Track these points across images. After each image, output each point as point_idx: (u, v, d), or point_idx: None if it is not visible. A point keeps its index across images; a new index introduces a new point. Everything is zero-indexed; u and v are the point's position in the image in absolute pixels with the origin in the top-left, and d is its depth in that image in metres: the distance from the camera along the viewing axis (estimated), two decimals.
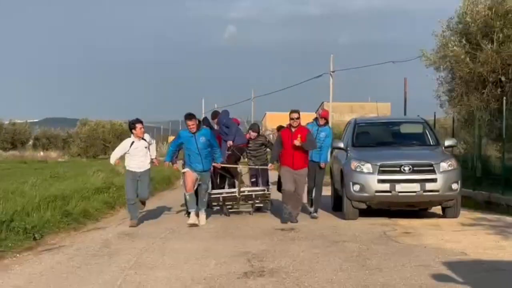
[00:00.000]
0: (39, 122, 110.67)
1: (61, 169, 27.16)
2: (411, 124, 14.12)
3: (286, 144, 12.42)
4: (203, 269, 7.84)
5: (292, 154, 12.29)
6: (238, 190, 13.57)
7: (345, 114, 72.60)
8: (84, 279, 7.45)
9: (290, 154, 12.35)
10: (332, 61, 43.86)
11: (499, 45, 15.31)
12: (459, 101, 16.34)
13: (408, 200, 12.13)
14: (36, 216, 11.79)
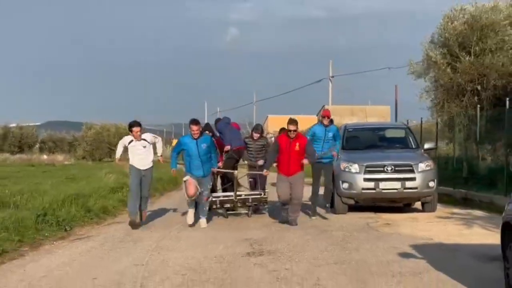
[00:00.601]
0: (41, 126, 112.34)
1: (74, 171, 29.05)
2: (394, 129, 16.00)
3: (284, 150, 12.70)
4: (213, 251, 9.63)
5: (288, 160, 12.63)
6: (235, 194, 13.82)
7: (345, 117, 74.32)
8: (117, 258, 9.25)
9: (286, 160, 12.67)
10: (331, 67, 45.74)
11: (476, 57, 17.16)
12: (441, 108, 18.20)
13: (391, 196, 13.97)
14: (64, 211, 13.62)
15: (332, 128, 13.80)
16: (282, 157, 12.75)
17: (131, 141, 13.19)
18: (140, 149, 13.16)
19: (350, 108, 76.65)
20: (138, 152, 13.16)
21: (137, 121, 13.40)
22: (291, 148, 12.62)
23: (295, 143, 12.64)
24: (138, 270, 8.26)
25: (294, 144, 12.61)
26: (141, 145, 13.14)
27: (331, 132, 13.71)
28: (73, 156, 57.50)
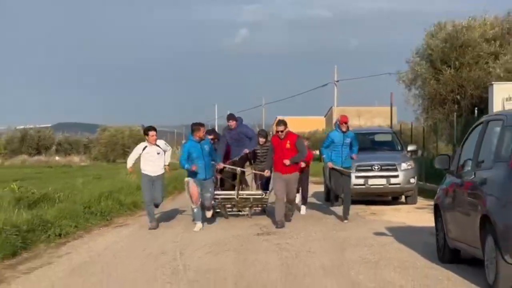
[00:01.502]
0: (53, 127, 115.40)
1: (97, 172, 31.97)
2: (383, 134, 18.87)
3: (277, 150, 13.45)
4: (230, 232, 12.41)
5: (283, 159, 13.29)
6: (236, 193, 14.35)
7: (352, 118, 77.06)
8: (156, 238, 12.06)
9: (280, 159, 13.38)
10: (336, 71, 48.48)
11: (456, 71, 19.98)
12: (427, 114, 21.05)
13: (377, 191, 16.81)
14: (103, 205, 16.48)
15: (349, 134, 14.25)
16: (277, 156, 13.45)
17: (145, 148, 13.62)
18: (154, 156, 13.56)
19: (356, 109, 79.39)
20: (151, 159, 13.54)
21: (153, 126, 13.94)
22: (282, 147, 13.38)
23: (286, 141, 13.36)
24: (174, 245, 11.08)
25: (285, 143, 13.35)
26: (156, 151, 13.58)
27: (349, 137, 14.16)
28: (88, 158, 60.46)
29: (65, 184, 23.20)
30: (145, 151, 13.58)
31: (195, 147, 13.21)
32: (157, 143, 13.63)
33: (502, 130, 7.30)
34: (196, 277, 8.31)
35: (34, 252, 10.80)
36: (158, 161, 13.63)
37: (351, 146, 14.20)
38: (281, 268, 8.80)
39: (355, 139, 14.36)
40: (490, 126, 7.81)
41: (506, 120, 7.38)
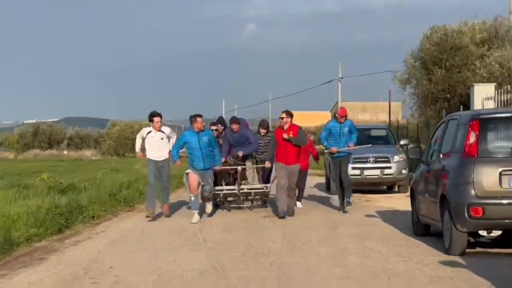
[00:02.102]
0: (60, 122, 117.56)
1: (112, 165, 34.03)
2: (378, 129, 20.88)
3: (280, 142, 13.95)
4: (240, 217, 14.37)
5: (285, 151, 13.91)
6: (238, 188, 14.88)
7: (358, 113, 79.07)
8: (176, 221, 14.04)
9: (283, 151, 13.94)
10: (340, 69, 50.44)
11: (447, 71, 21.97)
12: (420, 111, 23.07)
13: (372, 181, 18.84)
14: (125, 193, 18.55)
15: (347, 123, 14.71)
16: (280, 148, 14.00)
17: (149, 132, 14.14)
18: (158, 141, 14.06)
19: (362, 104, 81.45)
20: (155, 144, 14.04)
21: (158, 112, 14.23)
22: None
23: (288, 132, 13.87)
24: (193, 225, 13.10)
25: (288, 132, 13.87)
26: (159, 136, 14.05)
27: (346, 126, 14.65)
28: (99, 152, 62.55)
29: (86, 175, 25.32)
30: (149, 135, 14.09)
31: (193, 137, 13.52)
32: (162, 129, 14.11)
33: (457, 127, 9.34)
34: (215, 246, 10.36)
35: (75, 230, 12.88)
36: (162, 147, 14.09)
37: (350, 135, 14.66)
38: (283, 240, 10.84)
39: (353, 127, 14.81)
40: (450, 124, 9.84)
41: (460, 119, 9.41)
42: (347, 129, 14.68)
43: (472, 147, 8.79)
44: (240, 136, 15.15)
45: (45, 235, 11.79)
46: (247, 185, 15.22)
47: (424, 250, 9.64)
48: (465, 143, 8.89)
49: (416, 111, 23.73)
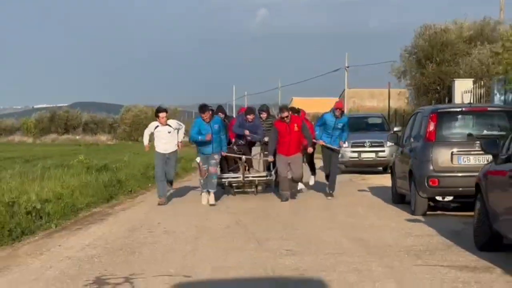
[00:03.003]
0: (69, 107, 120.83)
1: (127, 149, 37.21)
2: (374, 118, 23.94)
3: (284, 134, 14.56)
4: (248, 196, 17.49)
5: (288, 143, 14.61)
6: (242, 175, 15.61)
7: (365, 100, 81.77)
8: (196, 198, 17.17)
9: (286, 143, 14.61)
10: (347, 58, 53.35)
11: (437, 65, 24.99)
12: (415, 101, 26.11)
13: (368, 163, 21.91)
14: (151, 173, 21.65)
15: (343, 119, 15.39)
16: (283, 140, 14.63)
17: (156, 127, 14.69)
18: (165, 134, 14.59)
19: (369, 91, 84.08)
20: (162, 137, 14.59)
21: (164, 108, 15.04)
22: (290, 130, 14.59)
23: (293, 124, 14.60)
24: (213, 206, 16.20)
25: (293, 126, 14.57)
26: (166, 130, 14.56)
27: (341, 122, 15.28)
28: (114, 137, 65.74)
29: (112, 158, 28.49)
30: (156, 129, 14.66)
31: (205, 125, 14.27)
32: (168, 123, 14.68)
33: (422, 119, 12.39)
34: (236, 212, 13.42)
35: (119, 200, 15.98)
36: (170, 140, 14.64)
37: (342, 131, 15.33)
38: (289, 209, 13.88)
39: (347, 125, 15.52)
40: (418, 115, 12.90)
41: (424, 112, 12.48)
42: (342, 125, 15.28)
43: (431, 134, 11.84)
44: (253, 126, 15.98)
45: (98, 203, 14.91)
46: (252, 173, 16.02)
47: (397, 212, 12.72)
48: (426, 131, 11.94)
49: (412, 100, 26.76)
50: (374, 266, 7.84)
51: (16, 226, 10.72)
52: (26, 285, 7.39)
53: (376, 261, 8.12)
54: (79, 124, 68.26)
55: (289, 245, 9.35)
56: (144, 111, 66.45)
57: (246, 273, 7.61)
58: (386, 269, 7.69)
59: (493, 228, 8.13)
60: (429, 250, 8.77)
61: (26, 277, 7.75)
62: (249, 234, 10.54)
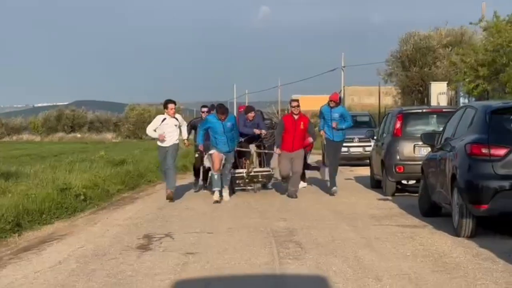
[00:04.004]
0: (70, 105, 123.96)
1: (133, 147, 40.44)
2: (362, 116, 27.20)
3: (289, 130, 15.07)
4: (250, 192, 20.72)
5: (293, 138, 15.13)
6: (246, 171, 16.06)
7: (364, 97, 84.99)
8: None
9: (291, 138, 15.10)
10: (343, 58, 56.57)
11: (420, 69, 28.26)
12: (401, 100, 29.40)
13: (356, 156, 25.19)
14: None
15: (338, 109, 15.90)
16: (287, 135, 15.11)
17: (164, 119, 14.98)
18: (171, 127, 14.88)
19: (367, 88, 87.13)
20: (169, 130, 14.85)
21: (172, 100, 15.17)
22: (296, 126, 15.13)
23: (300, 122, 15.13)
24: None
25: (299, 123, 15.11)
26: (173, 123, 14.90)
27: (337, 112, 15.76)
28: (119, 135, 69.02)
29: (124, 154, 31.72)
30: (163, 122, 14.95)
31: (217, 123, 14.59)
32: (176, 116, 15.07)
33: (391, 118, 15.64)
34: (242, 195, 16.63)
35: (141, 188, 19.22)
36: (173, 133, 14.96)
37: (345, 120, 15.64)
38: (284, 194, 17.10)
39: (346, 115, 15.95)
40: (389, 115, 16.15)
41: (393, 113, 15.73)
42: (338, 115, 15.70)
43: (398, 130, 15.09)
44: (253, 124, 16.44)
45: (125, 190, 18.15)
46: (255, 169, 16.42)
47: (372, 194, 15.96)
48: (394, 128, 15.19)
49: (399, 100, 30.06)
50: (343, 226, 11.10)
51: (69, 206, 13.97)
52: (96, 239, 10.59)
53: (346, 223, 11.38)
54: (84, 123, 71.52)
55: (283, 215, 12.58)
56: (147, 110, 69.75)
57: (252, 230, 10.84)
58: (351, 227, 10.95)
59: (431, 199, 11.38)
60: (387, 217, 12.03)
61: (92, 237, 10.94)
62: (253, 209, 13.79)
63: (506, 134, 9.33)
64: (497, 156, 9.15)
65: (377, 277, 7.31)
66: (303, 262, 8.26)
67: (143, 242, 10.06)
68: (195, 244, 9.72)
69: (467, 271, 7.54)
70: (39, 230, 11.77)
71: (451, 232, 9.96)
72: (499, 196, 9.04)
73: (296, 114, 15.19)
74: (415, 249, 8.91)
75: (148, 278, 7.61)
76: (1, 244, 10.44)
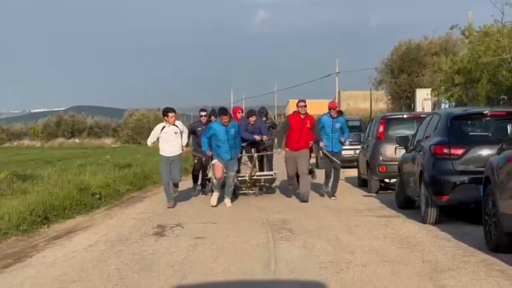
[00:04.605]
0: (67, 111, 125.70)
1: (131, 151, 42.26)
2: (354, 121, 29.13)
3: (296, 128, 15.22)
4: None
5: (298, 137, 15.34)
6: (249, 175, 16.34)
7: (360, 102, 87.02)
8: None
9: (296, 137, 15.30)
10: (337, 64, 58.51)
11: (408, 76, 30.22)
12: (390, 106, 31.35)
13: (348, 158, 26.87)
14: None
15: (340, 119, 16.22)
16: (293, 134, 15.28)
17: (163, 128, 15.00)
18: (172, 135, 14.88)
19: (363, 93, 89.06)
20: (169, 139, 14.88)
21: (172, 108, 15.11)
22: (303, 125, 15.27)
23: (306, 120, 15.30)
24: None
25: (306, 122, 15.27)
26: (173, 131, 14.88)
27: (339, 123, 16.07)
28: (118, 140, 70.87)
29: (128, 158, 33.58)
30: (163, 131, 14.92)
31: (221, 129, 14.70)
32: (176, 124, 15.02)
33: (375, 123, 17.55)
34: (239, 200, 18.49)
35: (148, 188, 21.08)
36: (175, 142, 14.94)
37: (342, 131, 16.04)
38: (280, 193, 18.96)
39: (345, 125, 16.34)
40: (373, 121, 18.06)
41: (376, 118, 17.65)
42: (339, 125, 16.05)
43: (381, 134, 16.99)
44: (255, 128, 16.71)
45: (134, 190, 20.01)
46: (257, 173, 16.78)
47: (358, 192, 17.86)
48: (378, 132, 17.08)
49: (390, 105, 32.04)
50: (330, 217, 13.00)
51: (87, 203, 15.82)
52: (116, 229, 12.41)
53: (332, 215, 13.28)
54: (84, 128, 73.34)
55: (279, 209, 14.44)
56: (146, 115, 71.63)
57: (251, 221, 12.70)
58: (336, 217, 12.86)
59: (406, 194, 13.27)
60: (368, 209, 13.92)
61: (112, 227, 12.77)
62: (252, 205, 15.65)
63: (464, 137, 11.24)
64: (456, 155, 11.05)
65: (351, 252, 9.19)
66: (293, 243, 10.13)
67: (158, 230, 11.91)
68: (202, 231, 11.59)
69: (424, 247, 9.43)
70: (64, 223, 13.60)
71: (420, 220, 11.85)
72: (458, 188, 10.92)
73: (303, 114, 15.32)
74: (387, 233, 10.80)
75: (166, 255, 9.47)
76: (34, 233, 12.26)
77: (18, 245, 11.03)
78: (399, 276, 7.57)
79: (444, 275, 7.56)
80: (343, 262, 8.45)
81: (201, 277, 7.95)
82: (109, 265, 8.87)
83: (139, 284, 7.75)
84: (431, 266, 8.11)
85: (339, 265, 8.27)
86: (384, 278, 7.48)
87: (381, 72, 31.21)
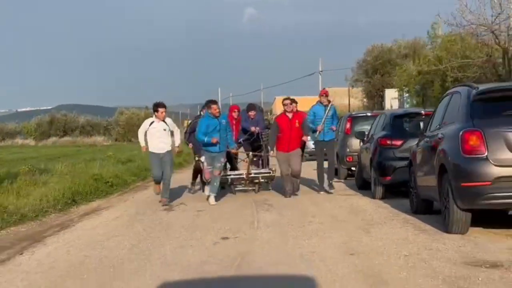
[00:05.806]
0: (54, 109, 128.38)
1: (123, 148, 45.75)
2: None
3: (285, 130, 15.44)
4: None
5: (288, 138, 15.61)
6: (246, 172, 16.79)
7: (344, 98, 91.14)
8: None
9: (287, 139, 15.55)
10: (320, 63, 62.02)
11: (381, 76, 33.88)
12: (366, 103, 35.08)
13: None
14: None
15: (332, 107, 16.26)
16: (283, 136, 15.45)
17: (152, 123, 14.99)
18: (160, 131, 14.88)
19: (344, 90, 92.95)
20: (157, 135, 14.87)
21: (163, 103, 15.05)
22: (291, 126, 15.48)
23: (295, 120, 15.41)
24: None
25: (294, 122, 15.40)
26: (162, 127, 14.89)
27: (331, 111, 16.25)
28: (109, 138, 74.25)
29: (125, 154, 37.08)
30: (151, 126, 14.93)
31: (213, 121, 14.87)
32: (165, 120, 15.02)
33: (344, 120, 21.21)
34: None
35: (149, 179, 24.42)
36: (164, 138, 14.92)
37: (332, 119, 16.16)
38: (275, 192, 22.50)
39: (335, 114, 16.58)
40: (343, 118, 21.72)
41: (345, 116, 21.32)
42: (332, 113, 16.17)
43: (348, 130, 20.65)
44: (253, 122, 17.27)
45: (138, 180, 23.57)
46: (255, 170, 17.25)
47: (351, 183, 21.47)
48: (345, 127, 20.74)
49: (365, 103, 35.81)
50: (303, 196, 16.60)
51: (103, 189, 19.38)
52: (133, 207, 15.92)
53: (305, 195, 16.87)
54: (76, 127, 76.69)
55: (264, 196, 18.00)
56: (136, 114, 74.96)
57: (241, 202, 16.28)
58: (308, 197, 16.46)
59: (363, 177, 16.93)
60: (336, 191, 17.51)
61: (129, 207, 16.28)
62: (250, 200, 19.16)
63: (402, 131, 14.91)
64: (396, 145, 14.71)
65: (313, 216, 12.81)
66: (271, 212, 13.76)
67: (167, 207, 15.47)
68: (203, 208, 15.15)
69: (366, 212, 13.07)
70: (88, 204, 17.12)
71: (371, 197, 15.51)
72: (397, 171, 14.57)
73: (290, 112, 15.34)
74: (344, 205, 14.43)
75: (177, 221, 13.05)
76: (68, 212, 15.78)
77: (59, 219, 14.53)
78: (342, 228, 11.19)
79: (372, 228, 11.17)
80: (306, 222, 12.06)
81: (205, 232, 11.53)
82: (137, 227, 12.44)
83: (162, 236, 11.33)
84: (366, 222, 11.74)
85: (303, 223, 11.89)
86: (332, 229, 11.10)
87: (356, 72, 35.04)
